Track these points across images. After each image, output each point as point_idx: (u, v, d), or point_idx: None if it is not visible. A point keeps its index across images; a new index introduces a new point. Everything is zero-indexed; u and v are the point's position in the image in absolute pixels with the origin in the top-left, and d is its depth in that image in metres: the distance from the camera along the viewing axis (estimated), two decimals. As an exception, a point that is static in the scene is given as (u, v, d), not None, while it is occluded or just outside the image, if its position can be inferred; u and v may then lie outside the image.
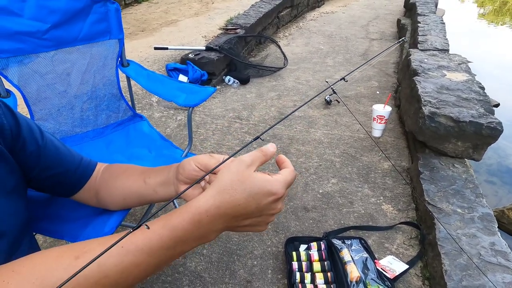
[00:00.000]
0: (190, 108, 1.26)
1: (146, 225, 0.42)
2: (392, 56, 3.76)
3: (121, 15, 1.33)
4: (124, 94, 1.51)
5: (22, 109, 1.46)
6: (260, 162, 0.47)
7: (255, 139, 0.50)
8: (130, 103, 1.55)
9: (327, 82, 2.85)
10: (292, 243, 1.47)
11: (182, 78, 2.92)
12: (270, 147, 0.49)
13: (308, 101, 0.65)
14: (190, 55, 3.04)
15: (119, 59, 1.42)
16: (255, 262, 1.44)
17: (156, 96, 2.76)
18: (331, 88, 2.42)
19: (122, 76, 1.48)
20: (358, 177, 1.91)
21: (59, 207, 0.85)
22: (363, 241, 1.45)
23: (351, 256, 1.36)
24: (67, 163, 0.71)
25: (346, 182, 1.87)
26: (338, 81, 1.09)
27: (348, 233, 1.54)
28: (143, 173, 0.69)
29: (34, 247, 0.65)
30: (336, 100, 2.67)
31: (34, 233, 0.78)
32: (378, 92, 2.93)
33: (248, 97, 2.85)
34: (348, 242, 1.43)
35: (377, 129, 2.22)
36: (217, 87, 3.03)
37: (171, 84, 1.38)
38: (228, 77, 3.10)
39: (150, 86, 1.38)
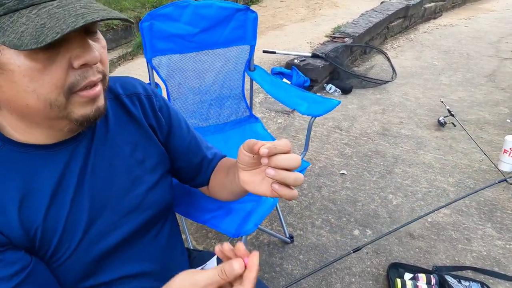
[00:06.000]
0: (312, 118, 1.28)
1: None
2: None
3: (257, 23, 1.42)
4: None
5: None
6: (216, 285, 0.43)
7: (500, 181, 0.47)
8: (249, 104, 1.64)
9: (442, 102, 2.63)
10: (396, 269, 1.40)
11: (285, 82, 2.99)
12: (236, 266, 0.42)
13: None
14: (295, 60, 3.09)
15: (248, 63, 1.52)
16: (353, 279, 1.40)
17: (259, 97, 2.88)
18: (448, 110, 2.22)
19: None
20: (478, 212, 1.71)
21: (201, 197, 0.94)
22: (486, 287, 1.29)
23: (467, 299, 1.24)
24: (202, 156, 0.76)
25: (462, 216, 1.70)
26: None
27: (464, 273, 1.39)
28: (230, 165, 0.70)
29: (175, 224, 0.75)
30: (452, 123, 2.43)
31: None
32: (509, 121, 2.57)
33: (349, 107, 2.79)
34: (466, 283, 1.30)
35: (508, 163, 1.96)
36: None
37: (293, 91, 1.42)
38: (330, 85, 3.07)
39: (273, 92, 1.44)
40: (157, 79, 1.39)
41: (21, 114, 0.49)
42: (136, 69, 3.22)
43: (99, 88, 0.50)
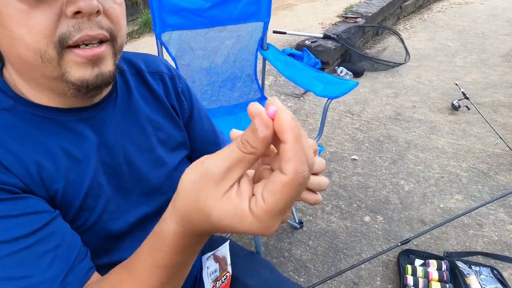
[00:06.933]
0: (328, 100, 1.23)
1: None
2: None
3: (271, -2, 1.35)
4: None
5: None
6: (242, 167, 0.29)
7: None
8: (260, 85, 1.59)
9: (456, 84, 2.55)
10: (407, 255, 1.38)
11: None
12: (258, 125, 0.27)
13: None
14: (306, 41, 3.00)
15: (260, 42, 1.46)
16: (363, 266, 1.39)
17: (269, 80, 2.81)
18: (462, 92, 2.13)
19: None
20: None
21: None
22: (495, 272, 1.28)
23: (481, 286, 1.22)
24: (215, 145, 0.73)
25: (474, 201, 1.66)
26: None
27: (475, 259, 1.37)
28: None
29: None
30: (466, 106, 2.36)
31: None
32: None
33: (361, 91, 2.72)
34: (476, 268, 1.28)
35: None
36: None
37: (308, 72, 1.36)
38: (341, 68, 2.99)
39: (287, 72, 1.39)
40: (166, 57, 1.34)
41: (20, 69, 0.46)
42: (143, 48, 3.15)
43: (102, 49, 0.44)
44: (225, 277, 0.71)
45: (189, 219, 0.31)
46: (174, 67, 1.35)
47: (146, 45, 3.21)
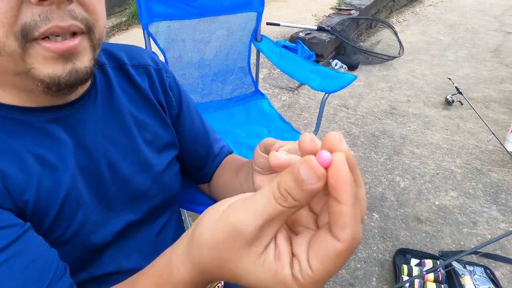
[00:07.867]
0: (326, 94, 1.18)
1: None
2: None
3: (265, -13, 1.29)
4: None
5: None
6: (279, 223, 0.24)
7: None
8: (254, 79, 1.53)
9: (449, 79, 2.53)
10: (403, 255, 1.35)
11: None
12: (303, 173, 0.21)
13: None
14: (300, 33, 2.94)
15: (254, 33, 1.40)
16: (359, 265, 1.36)
17: (263, 73, 2.75)
18: (456, 87, 2.10)
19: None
20: (484, 195, 1.66)
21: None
22: (488, 271, 1.26)
23: (475, 286, 1.20)
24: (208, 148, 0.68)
25: (468, 198, 1.64)
26: None
27: (469, 258, 1.35)
28: (240, 165, 0.63)
29: (181, 220, 0.68)
30: (459, 101, 2.34)
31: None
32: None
33: (356, 85, 2.67)
34: (471, 268, 1.26)
35: (516, 144, 1.89)
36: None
37: (304, 65, 1.31)
38: (336, 61, 2.94)
39: (282, 65, 1.33)
40: (154, 49, 1.27)
41: None
42: (132, 40, 3.04)
43: (76, 42, 0.38)
44: (217, 286, 0.67)
45: (211, 273, 0.28)
46: (163, 60, 1.29)
47: (135, 37, 3.10)
